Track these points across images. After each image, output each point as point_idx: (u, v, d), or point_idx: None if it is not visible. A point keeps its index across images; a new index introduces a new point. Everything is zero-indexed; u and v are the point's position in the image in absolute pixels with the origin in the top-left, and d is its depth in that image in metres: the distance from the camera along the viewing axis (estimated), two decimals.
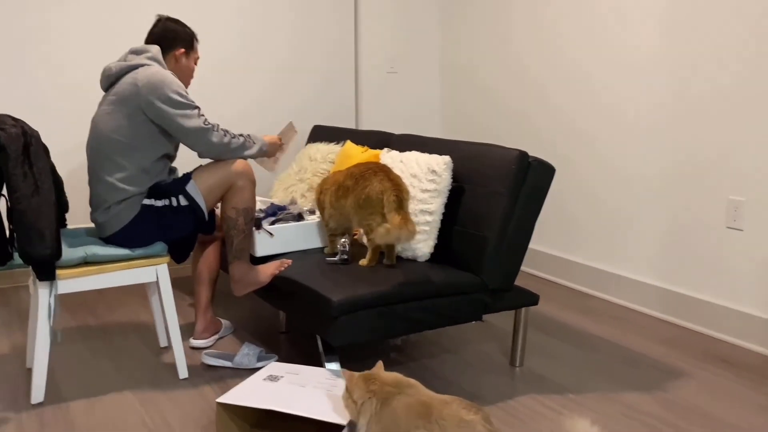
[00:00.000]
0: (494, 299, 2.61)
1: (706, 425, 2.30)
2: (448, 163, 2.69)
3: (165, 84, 2.54)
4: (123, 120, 2.56)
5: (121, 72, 2.63)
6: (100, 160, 2.59)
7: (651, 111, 3.34)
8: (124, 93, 2.57)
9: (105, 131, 2.57)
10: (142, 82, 2.54)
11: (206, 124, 2.59)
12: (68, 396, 2.50)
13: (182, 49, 2.80)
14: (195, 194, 2.63)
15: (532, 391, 2.56)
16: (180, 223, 2.64)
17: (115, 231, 2.56)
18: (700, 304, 3.16)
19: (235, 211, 2.67)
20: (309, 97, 4.44)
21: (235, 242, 2.68)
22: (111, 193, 2.57)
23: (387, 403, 1.82)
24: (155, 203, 2.61)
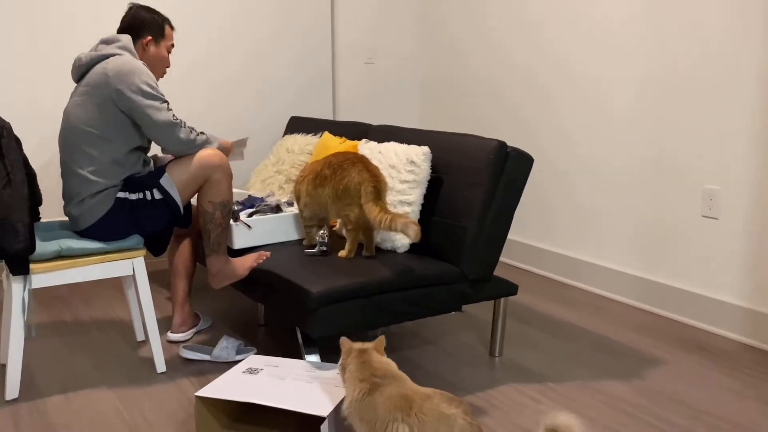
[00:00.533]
0: (473, 290, 2.62)
1: (683, 412, 2.33)
2: (426, 153, 2.68)
3: (135, 74, 2.50)
4: (94, 111, 2.51)
5: (91, 62, 2.58)
6: (72, 153, 2.55)
7: (627, 101, 3.35)
8: (95, 83, 2.52)
9: (76, 123, 2.53)
10: (111, 71, 2.50)
11: (174, 119, 2.55)
12: (44, 391, 2.47)
13: (149, 37, 2.73)
14: (169, 188, 2.59)
15: (512, 381, 2.57)
16: (154, 217, 2.60)
17: (89, 224, 2.52)
18: (676, 292, 3.19)
19: (211, 204, 2.63)
20: (286, 88, 4.40)
21: (212, 236, 2.65)
22: (84, 186, 2.53)
23: (370, 394, 1.82)
24: (129, 196, 2.57)
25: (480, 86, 4.28)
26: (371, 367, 1.88)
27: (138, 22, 2.72)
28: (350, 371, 1.90)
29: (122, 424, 2.24)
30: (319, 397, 2.00)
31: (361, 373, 1.87)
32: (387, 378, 1.85)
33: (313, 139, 3.56)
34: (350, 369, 1.90)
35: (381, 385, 1.82)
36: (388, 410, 1.77)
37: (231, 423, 2.20)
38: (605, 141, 3.50)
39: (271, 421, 2.22)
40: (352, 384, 1.86)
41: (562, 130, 3.74)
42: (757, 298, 2.89)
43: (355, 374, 1.87)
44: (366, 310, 2.38)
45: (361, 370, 1.88)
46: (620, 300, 3.46)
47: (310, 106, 4.51)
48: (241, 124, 4.28)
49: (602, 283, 3.56)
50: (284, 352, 2.81)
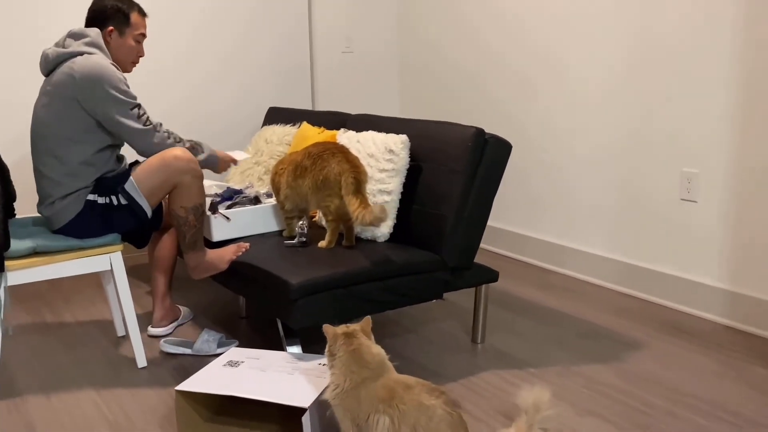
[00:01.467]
0: (454, 277, 2.62)
1: (664, 394, 2.35)
2: (405, 142, 2.67)
3: (103, 78, 2.42)
4: (61, 112, 2.45)
5: (58, 59, 2.50)
6: (41, 156, 2.50)
7: (604, 86, 3.36)
8: (61, 84, 2.45)
9: (42, 125, 2.47)
10: (78, 74, 2.42)
11: (147, 125, 2.48)
12: (24, 390, 2.45)
13: (111, 28, 2.62)
14: (135, 194, 2.51)
15: (494, 367, 2.57)
16: (120, 221, 2.53)
17: (61, 225, 2.49)
18: (655, 275, 3.21)
19: (184, 210, 2.56)
20: (264, 78, 4.37)
21: (187, 236, 2.60)
22: (54, 189, 2.48)
23: (357, 387, 1.80)
24: (98, 200, 2.51)
25: (458, 73, 4.27)
26: (363, 359, 1.83)
27: (99, 12, 2.61)
28: (341, 359, 1.84)
29: (103, 421, 2.23)
30: (300, 389, 2.00)
31: (354, 364, 1.82)
32: (378, 369, 1.83)
33: (292, 129, 3.54)
34: (340, 357, 1.84)
35: (369, 377, 1.81)
36: (370, 401, 1.77)
37: (212, 416, 2.20)
38: (583, 126, 3.50)
39: (253, 414, 2.22)
40: (343, 374, 1.82)
41: (540, 116, 3.75)
42: (735, 279, 2.91)
43: (347, 364, 1.82)
44: (346, 300, 2.37)
45: (353, 360, 1.82)
46: (600, 284, 3.47)
47: (289, 96, 4.48)
48: (219, 116, 4.25)
49: (582, 267, 3.58)
50: (266, 344, 2.80)
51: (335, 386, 1.83)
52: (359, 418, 1.78)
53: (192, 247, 2.61)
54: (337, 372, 1.84)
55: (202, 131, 4.18)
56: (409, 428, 1.71)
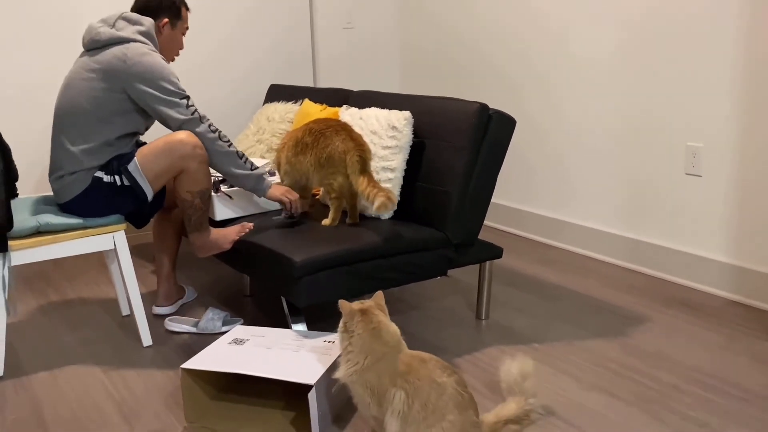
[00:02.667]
0: (458, 254, 2.61)
1: (669, 368, 2.35)
2: (408, 118, 2.65)
3: (155, 71, 2.43)
4: (101, 92, 2.44)
5: (110, 41, 2.48)
6: (67, 127, 2.48)
7: (609, 59, 3.33)
8: (110, 66, 2.44)
9: (78, 98, 2.46)
10: (132, 61, 2.42)
11: (193, 115, 2.47)
12: (29, 369, 2.45)
13: (166, 20, 2.64)
14: (137, 176, 2.49)
15: (498, 343, 2.58)
16: (122, 202, 2.53)
17: (67, 200, 2.49)
18: (660, 250, 3.20)
19: (190, 194, 2.54)
20: (265, 55, 4.34)
21: (192, 219, 2.59)
22: (69, 163, 2.47)
23: (377, 363, 1.79)
24: (104, 177, 2.50)
25: (461, 48, 4.23)
26: (383, 338, 1.81)
27: (154, 4, 2.63)
28: (360, 337, 1.81)
29: (109, 399, 2.23)
30: (306, 366, 2.00)
31: (374, 342, 1.80)
32: (396, 347, 1.83)
33: (294, 106, 3.52)
34: (360, 335, 1.81)
35: (387, 353, 1.80)
36: (391, 376, 1.76)
37: (218, 394, 2.20)
38: (586, 100, 3.48)
39: (259, 391, 2.22)
40: (363, 352, 1.80)
41: (544, 90, 3.72)
42: (740, 253, 2.90)
43: (367, 342, 1.80)
44: (350, 278, 2.37)
45: (373, 338, 1.80)
46: (605, 260, 3.47)
47: (291, 73, 4.45)
48: (220, 94, 4.22)
49: (586, 243, 3.57)
50: (271, 322, 2.80)
51: (353, 363, 1.80)
52: (379, 392, 1.77)
53: (197, 228, 2.60)
54: (355, 350, 1.81)
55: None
56: (420, 404, 1.72)
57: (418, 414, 1.72)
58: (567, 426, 2.01)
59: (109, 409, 2.18)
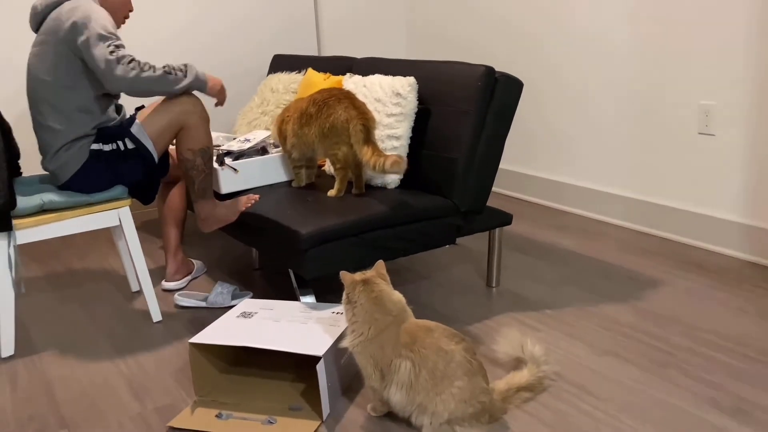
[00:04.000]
0: (467, 222, 2.57)
1: (684, 331, 2.31)
2: (412, 84, 2.60)
3: (89, 17, 2.35)
4: (52, 59, 2.39)
5: (47, 9, 2.45)
6: (38, 105, 2.45)
7: (617, 14, 3.25)
8: (50, 31, 2.40)
9: (37, 74, 2.42)
10: (65, 16, 2.37)
11: (111, 55, 2.32)
12: (40, 347, 2.45)
13: None
14: (141, 136, 2.47)
15: (510, 310, 2.55)
16: (129, 167, 2.50)
17: (67, 178, 2.45)
18: (673, 212, 3.15)
19: (191, 152, 2.53)
20: (268, 25, 4.27)
21: (196, 182, 2.57)
22: (54, 138, 2.44)
23: (380, 333, 1.77)
24: (103, 148, 2.46)
25: (467, 13, 4.15)
26: (386, 306, 1.80)
27: None
28: (362, 307, 1.80)
29: (119, 375, 2.23)
30: (314, 338, 1.98)
31: (376, 311, 1.79)
32: (399, 316, 1.81)
33: (297, 76, 3.47)
34: (362, 305, 1.80)
35: (391, 323, 1.78)
36: (393, 347, 1.75)
37: (227, 367, 2.19)
38: (596, 60, 3.40)
39: (268, 364, 2.21)
40: (366, 321, 1.79)
41: (553, 52, 3.64)
42: (756, 213, 2.85)
43: (369, 312, 1.79)
44: (358, 248, 2.34)
45: (375, 307, 1.79)
46: (616, 223, 3.42)
47: (294, 42, 4.39)
48: (223, 66, 4.17)
49: (598, 207, 3.52)
50: (280, 295, 2.78)
51: (359, 334, 1.80)
52: (383, 363, 1.76)
53: (202, 195, 2.58)
54: (359, 320, 1.80)
55: None
56: (427, 372, 1.70)
57: (426, 382, 1.70)
58: (580, 392, 1.99)
59: (120, 385, 2.17)
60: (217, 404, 2.00)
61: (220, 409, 1.98)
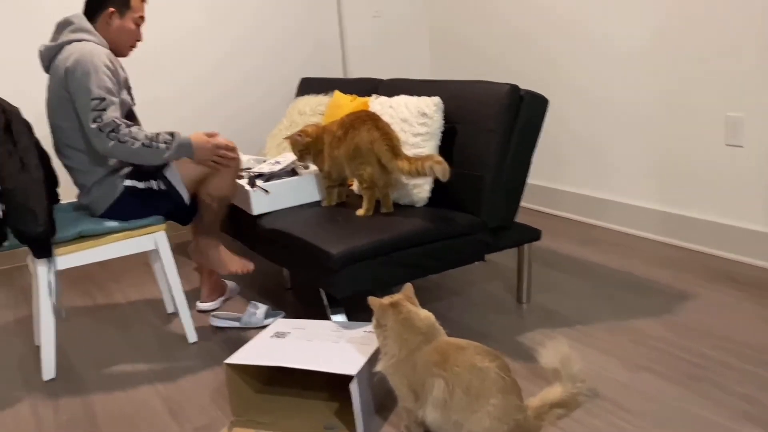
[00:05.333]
0: (495, 238, 2.59)
1: (717, 344, 2.30)
2: (438, 104, 2.64)
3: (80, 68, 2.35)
4: (61, 105, 2.43)
5: (50, 53, 2.48)
6: (61, 149, 2.52)
7: (643, 27, 3.26)
8: (54, 78, 2.45)
9: (53, 121, 2.49)
10: (62, 63, 2.40)
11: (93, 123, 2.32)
12: (80, 370, 2.51)
13: (112, 9, 2.55)
14: (174, 180, 2.53)
15: (541, 326, 2.56)
16: (163, 205, 2.56)
17: (102, 211, 2.52)
18: (703, 224, 3.14)
19: (209, 197, 2.59)
20: (295, 49, 4.35)
21: (205, 219, 2.63)
22: (85, 178, 2.51)
23: (412, 353, 1.80)
24: (137, 185, 2.53)
25: (490, 30, 4.19)
26: (414, 326, 1.83)
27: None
28: (392, 329, 1.84)
29: (157, 396, 2.28)
30: (346, 357, 2.01)
31: (405, 331, 1.82)
32: (429, 335, 1.84)
33: (324, 99, 3.53)
34: (392, 327, 1.84)
35: (422, 342, 1.81)
36: (425, 366, 1.77)
37: (262, 387, 2.23)
38: (622, 73, 3.41)
39: (302, 383, 2.24)
40: (397, 343, 1.82)
41: (576, 67, 3.66)
42: None
43: (399, 333, 1.82)
44: (389, 267, 2.37)
45: (404, 328, 1.83)
46: (645, 236, 3.41)
47: (321, 65, 4.46)
48: (251, 89, 4.25)
49: (625, 220, 3.52)
50: (311, 314, 2.82)
51: (391, 356, 1.83)
52: (416, 383, 1.78)
53: (206, 232, 2.66)
54: (391, 342, 1.84)
55: (233, 103, 4.20)
56: (462, 390, 1.71)
57: (461, 400, 1.72)
58: (614, 407, 1.99)
59: (158, 405, 2.22)
60: (254, 424, 2.04)
61: (257, 428, 2.01)
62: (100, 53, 2.42)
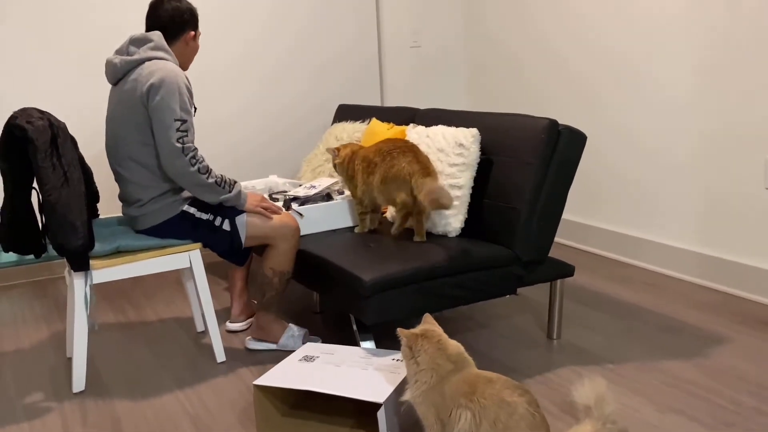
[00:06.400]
0: (528, 272, 2.58)
1: (750, 390, 2.26)
2: (475, 135, 2.65)
3: (166, 85, 2.41)
4: (133, 118, 2.46)
5: (127, 67, 2.51)
6: (120, 161, 2.54)
7: (683, 71, 3.25)
8: (130, 90, 2.47)
9: (118, 132, 2.51)
10: (144, 78, 2.43)
11: (177, 143, 2.40)
12: (109, 384, 2.54)
13: (193, 33, 2.66)
14: (240, 227, 2.57)
15: (571, 363, 2.53)
16: (214, 241, 2.60)
17: (148, 227, 2.56)
18: (739, 267, 3.09)
19: (272, 271, 2.64)
20: (333, 75, 4.40)
21: (266, 296, 2.67)
22: (143, 193, 2.53)
23: (442, 381, 1.80)
24: (197, 214, 2.57)
25: (528, 66, 4.20)
26: (447, 352, 1.84)
27: (179, 19, 2.61)
28: (427, 353, 1.83)
29: (184, 413, 2.29)
30: (375, 384, 2.01)
31: (439, 357, 1.82)
32: (458, 363, 1.83)
33: (361, 126, 3.56)
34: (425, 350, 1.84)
35: (453, 372, 1.81)
36: (453, 396, 1.76)
37: (289, 410, 2.23)
38: (660, 113, 3.40)
39: (329, 408, 2.24)
40: (430, 368, 1.82)
41: (615, 105, 3.65)
42: None
43: (433, 358, 1.82)
44: (419, 296, 2.37)
45: (439, 352, 1.83)
46: (679, 277, 3.37)
47: (358, 92, 4.50)
48: (288, 113, 4.30)
49: (660, 260, 3.48)
50: (340, 339, 2.82)
51: (422, 383, 1.82)
52: (443, 413, 1.77)
53: (266, 308, 2.71)
54: (423, 368, 1.83)
55: (271, 128, 4.25)
56: (489, 423, 1.70)
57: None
58: None
59: (185, 424, 2.23)
60: None
61: None
62: (183, 76, 2.50)
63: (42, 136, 2.24)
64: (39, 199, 2.39)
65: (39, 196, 2.37)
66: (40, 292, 3.63)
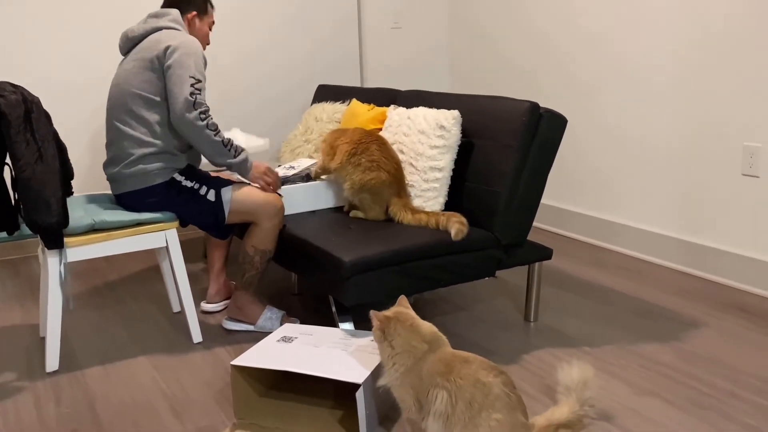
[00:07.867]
0: (507, 255, 2.58)
1: (726, 374, 2.28)
2: (456, 117, 2.63)
3: (185, 48, 2.50)
4: (145, 74, 2.52)
5: (145, 33, 2.61)
6: (123, 116, 2.54)
7: (661, 59, 3.26)
8: (146, 49, 2.55)
9: (127, 88, 2.53)
10: (165, 39, 2.52)
11: (191, 96, 2.45)
12: (83, 363, 2.51)
13: (194, 12, 2.76)
14: (225, 201, 2.57)
15: (548, 346, 2.54)
16: (196, 211, 2.58)
17: (131, 190, 2.53)
18: (716, 253, 3.12)
19: (253, 249, 2.62)
20: (313, 56, 4.36)
21: (246, 275, 2.66)
22: (137, 147, 2.52)
23: (418, 363, 1.79)
24: (183, 181, 2.57)
25: (511, 51, 4.19)
26: (421, 333, 1.82)
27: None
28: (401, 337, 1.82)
29: (160, 394, 2.27)
30: (353, 365, 2.00)
31: (414, 338, 1.81)
32: (433, 344, 1.82)
33: (341, 106, 3.53)
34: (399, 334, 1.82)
35: (428, 351, 1.80)
36: (430, 376, 1.76)
37: (267, 391, 2.22)
38: (640, 100, 3.41)
39: (307, 389, 2.23)
40: (406, 351, 1.81)
41: (596, 91, 3.66)
42: None
43: (407, 340, 1.81)
44: (399, 278, 2.36)
45: (413, 335, 1.82)
46: (657, 262, 3.39)
47: (338, 73, 4.46)
48: (267, 93, 4.26)
49: (638, 245, 3.50)
50: (319, 321, 2.81)
51: (400, 365, 1.80)
52: (420, 393, 1.77)
53: (245, 287, 2.69)
54: (399, 351, 1.81)
55: (250, 108, 4.20)
56: (464, 403, 1.70)
57: (463, 414, 1.70)
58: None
59: (160, 403, 2.21)
60: (257, 428, 2.03)
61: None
62: (200, 46, 2.59)
63: (15, 110, 2.19)
64: (12, 175, 2.34)
65: (12, 172, 2.32)
66: (12, 271, 3.58)
